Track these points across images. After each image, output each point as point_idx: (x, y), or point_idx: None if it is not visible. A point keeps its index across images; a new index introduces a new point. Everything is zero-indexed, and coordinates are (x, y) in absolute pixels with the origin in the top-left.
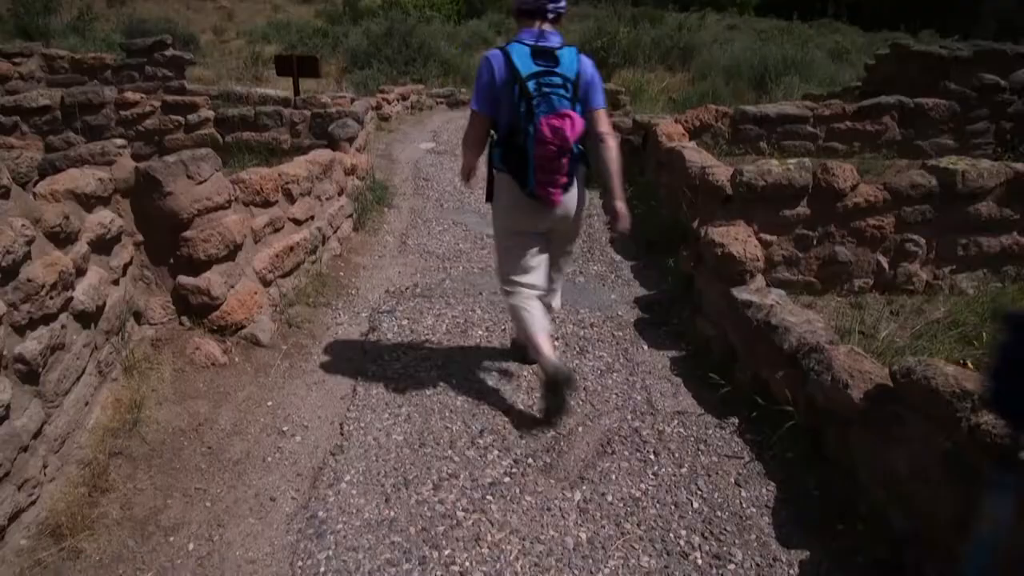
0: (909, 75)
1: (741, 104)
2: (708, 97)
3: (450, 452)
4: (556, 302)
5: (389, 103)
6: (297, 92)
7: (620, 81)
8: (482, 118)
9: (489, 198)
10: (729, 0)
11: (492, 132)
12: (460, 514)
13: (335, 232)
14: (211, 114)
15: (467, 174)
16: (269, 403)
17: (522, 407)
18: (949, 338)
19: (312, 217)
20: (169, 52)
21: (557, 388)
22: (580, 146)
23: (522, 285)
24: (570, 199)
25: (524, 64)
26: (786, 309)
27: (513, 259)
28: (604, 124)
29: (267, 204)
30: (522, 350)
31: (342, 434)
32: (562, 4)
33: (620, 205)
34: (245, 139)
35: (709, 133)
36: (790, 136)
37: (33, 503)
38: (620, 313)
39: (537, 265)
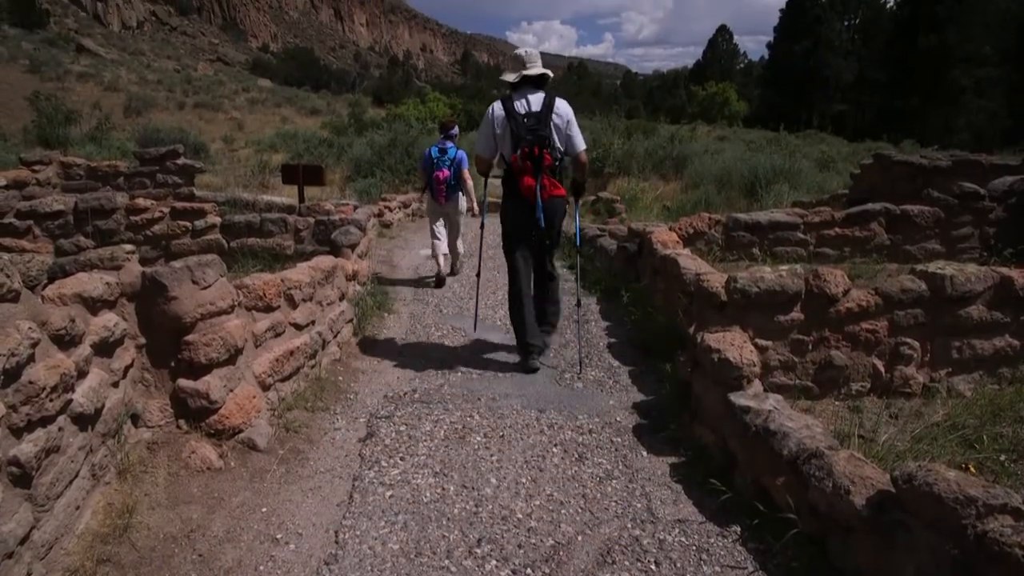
0: (893, 183)
1: (733, 211)
2: (701, 205)
3: (447, 562)
4: (459, 248)
5: (391, 211)
6: (302, 199)
7: (615, 190)
8: (421, 170)
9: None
10: (718, 112)
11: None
12: None
13: (335, 337)
14: (217, 220)
15: (424, 186)
16: (264, 509)
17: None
18: (950, 441)
19: (313, 322)
20: (180, 160)
21: (439, 281)
22: (455, 182)
23: (436, 232)
24: (450, 202)
25: (435, 153)
26: (784, 414)
27: (432, 221)
28: (466, 175)
29: (269, 309)
30: (440, 281)
31: (337, 542)
32: (454, 132)
33: (475, 205)
34: (250, 244)
35: (703, 240)
36: (782, 242)
37: None
38: (619, 419)
39: (440, 226)
